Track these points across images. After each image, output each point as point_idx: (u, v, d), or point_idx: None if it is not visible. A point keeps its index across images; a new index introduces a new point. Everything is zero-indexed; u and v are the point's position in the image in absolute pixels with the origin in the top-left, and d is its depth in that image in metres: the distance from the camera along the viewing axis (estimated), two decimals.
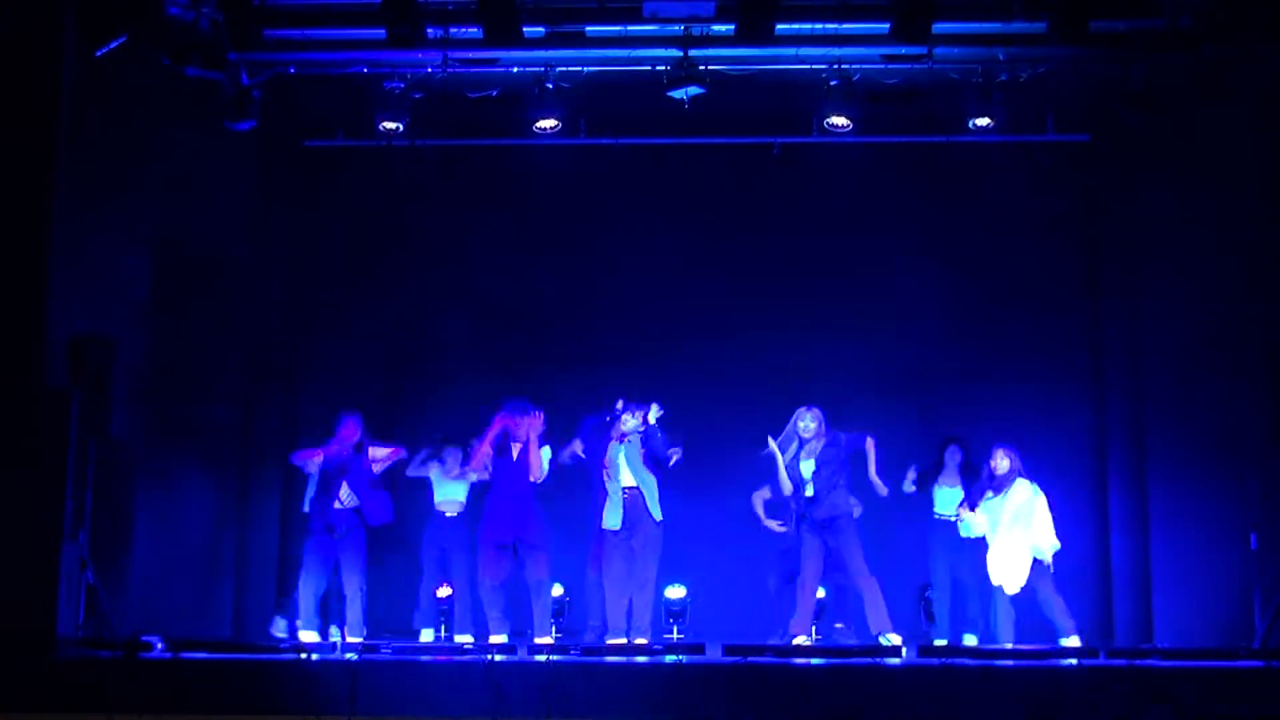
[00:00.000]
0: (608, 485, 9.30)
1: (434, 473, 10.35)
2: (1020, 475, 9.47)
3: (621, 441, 9.32)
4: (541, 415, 9.40)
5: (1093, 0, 9.24)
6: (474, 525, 9.74)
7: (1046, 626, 9.44)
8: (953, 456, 10.21)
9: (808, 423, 9.27)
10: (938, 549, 10.17)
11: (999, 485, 9.50)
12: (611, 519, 9.26)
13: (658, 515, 9.28)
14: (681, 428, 9.78)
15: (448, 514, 10.28)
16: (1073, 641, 9.21)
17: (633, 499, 9.29)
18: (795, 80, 10.00)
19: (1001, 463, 9.49)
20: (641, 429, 9.30)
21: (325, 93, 10.42)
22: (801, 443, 9.30)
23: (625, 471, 9.30)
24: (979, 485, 9.64)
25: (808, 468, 9.25)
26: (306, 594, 9.49)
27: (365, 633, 9.51)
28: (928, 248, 11.48)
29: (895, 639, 8.82)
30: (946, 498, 10.15)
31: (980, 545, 9.66)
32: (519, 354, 11.39)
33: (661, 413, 9.31)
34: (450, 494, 10.30)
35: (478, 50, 9.72)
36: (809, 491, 9.19)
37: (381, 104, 10.02)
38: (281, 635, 10.21)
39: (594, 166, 11.26)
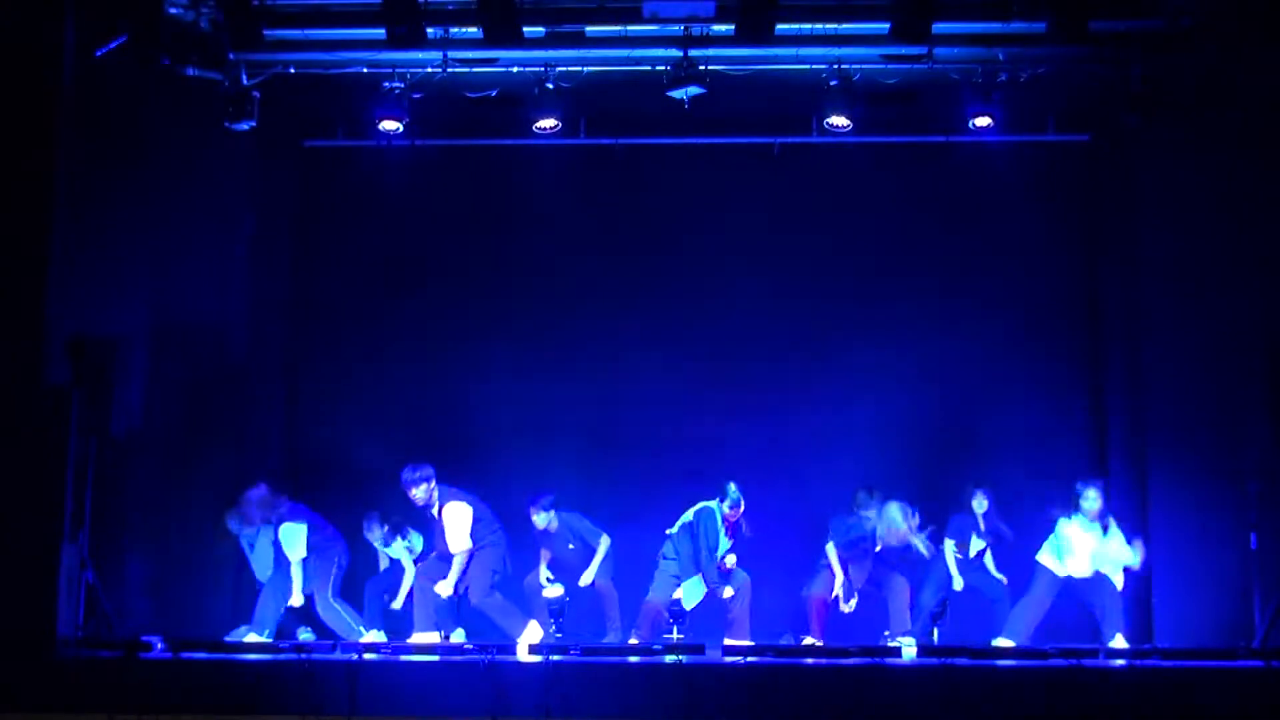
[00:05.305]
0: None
1: (405, 558, 10.35)
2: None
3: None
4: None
5: (1093, 0, 9.25)
6: None
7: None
8: (980, 505, 10.11)
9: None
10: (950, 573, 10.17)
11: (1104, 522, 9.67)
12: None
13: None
14: (681, 426, 9.80)
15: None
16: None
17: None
18: (795, 80, 10.00)
19: (1096, 503, 9.62)
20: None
21: (325, 93, 10.41)
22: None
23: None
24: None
25: None
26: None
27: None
28: (927, 247, 11.47)
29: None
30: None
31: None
32: (517, 352, 11.37)
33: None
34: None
35: (478, 50, 9.72)
36: None
37: (381, 104, 10.02)
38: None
39: (594, 166, 11.26)
